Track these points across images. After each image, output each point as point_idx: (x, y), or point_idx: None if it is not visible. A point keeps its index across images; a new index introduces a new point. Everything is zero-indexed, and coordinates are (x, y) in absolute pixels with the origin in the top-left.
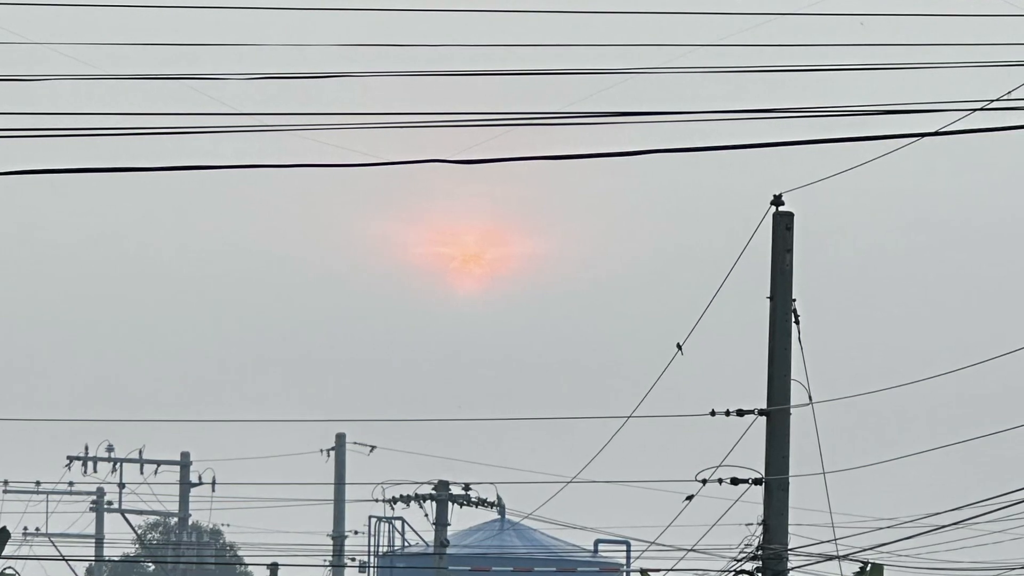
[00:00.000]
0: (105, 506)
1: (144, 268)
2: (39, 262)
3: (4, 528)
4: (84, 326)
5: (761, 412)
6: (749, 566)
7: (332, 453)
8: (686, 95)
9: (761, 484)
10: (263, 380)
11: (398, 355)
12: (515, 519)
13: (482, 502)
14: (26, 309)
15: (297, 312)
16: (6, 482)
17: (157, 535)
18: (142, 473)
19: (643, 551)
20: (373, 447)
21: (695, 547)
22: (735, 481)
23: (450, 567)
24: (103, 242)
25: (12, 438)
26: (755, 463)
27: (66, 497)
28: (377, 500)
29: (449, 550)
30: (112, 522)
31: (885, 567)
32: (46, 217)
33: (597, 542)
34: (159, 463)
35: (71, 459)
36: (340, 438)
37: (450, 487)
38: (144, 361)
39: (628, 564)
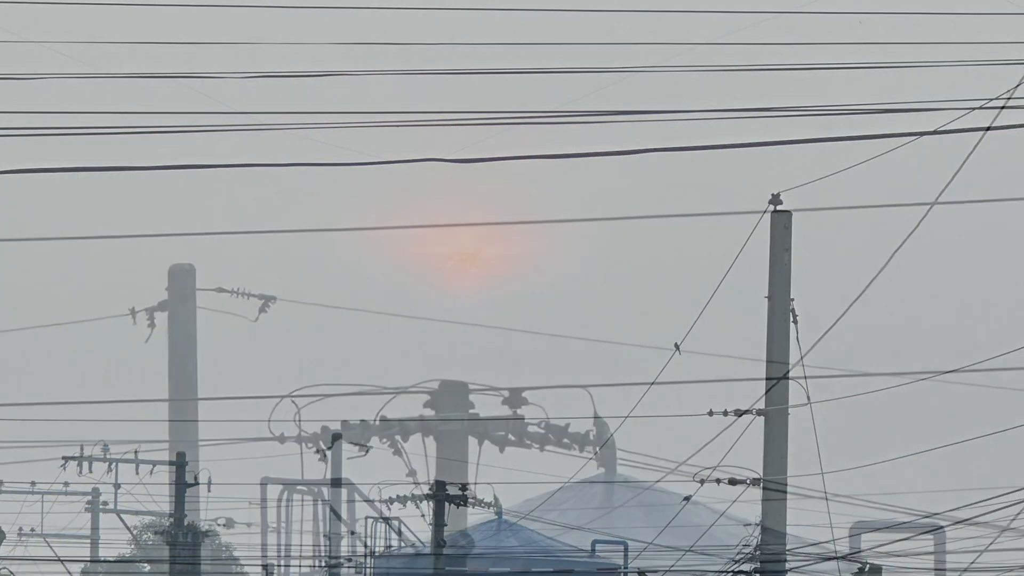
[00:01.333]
0: (100, 506)
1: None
2: (37, 261)
3: None
4: (82, 325)
5: (759, 412)
6: (747, 567)
7: (328, 453)
8: (684, 94)
9: (759, 484)
10: (261, 379)
11: (395, 355)
12: (512, 519)
13: (479, 502)
14: (24, 309)
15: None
16: (1, 482)
17: (152, 535)
18: (137, 473)
19: (641, 551)
20: (369, 447)
21: (693, 547)
22: (733, 482)
23: (447, 568)
24: (102, 242)
25: (7, 438)
26: (753, 463)
27: (61, 497)
28: (373, 500)
29: (446, 551)
30: (108, 522)
31: (884, 568)
32: (45, 216)
33: (594, 543)
34: (155, 463)
35: (66, 459)
36: (337, 438)
37: (447, 487)
38: (141, 360)
39: (626, 565)
